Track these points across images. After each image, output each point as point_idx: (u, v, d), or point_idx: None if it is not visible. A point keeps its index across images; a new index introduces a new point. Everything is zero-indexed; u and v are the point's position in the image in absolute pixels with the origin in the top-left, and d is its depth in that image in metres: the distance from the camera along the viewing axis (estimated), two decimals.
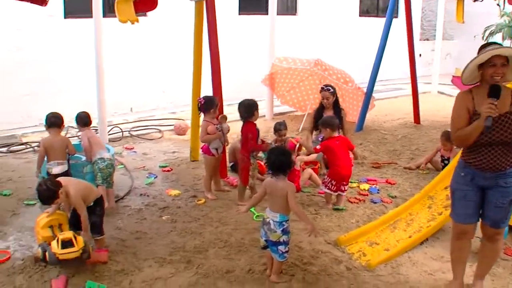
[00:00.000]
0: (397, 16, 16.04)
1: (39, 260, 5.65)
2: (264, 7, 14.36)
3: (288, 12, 16.79)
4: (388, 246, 6.21)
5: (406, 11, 11.67)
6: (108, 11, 11.30)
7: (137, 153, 10.04)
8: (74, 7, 12.25)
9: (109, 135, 10.87)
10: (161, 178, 8.59)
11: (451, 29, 21.57)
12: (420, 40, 20.98)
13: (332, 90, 9.02)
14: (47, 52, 11.92)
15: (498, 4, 11.19)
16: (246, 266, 5.68)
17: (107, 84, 10.21)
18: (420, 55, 19.38)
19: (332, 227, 6.77)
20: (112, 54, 10.92)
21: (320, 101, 9.12)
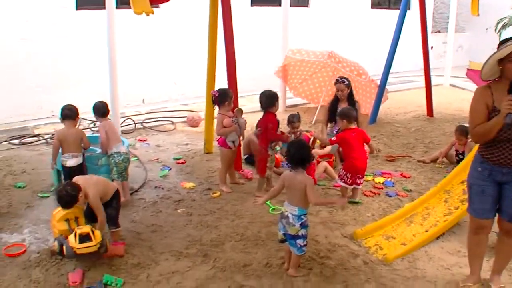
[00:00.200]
0: (410, 8, 15.95)
1: (56, 254, 5.65)
2: None
3: (300, 4, 16.73)
4: (405, 240, 6.19)
5: (420, 3, 11.58)
6: (121, 3, 11.29)
7: (150, 145, 10.03)
8: None
9: (122, 127, 10.85)
10: (175, 171, 8.58)
11: (463, 21, 21.43)
12: (432, 33, 20.84)
13: (347, 82, 8.99)
14: (59, 44, 11.92)
15: None
16: (263, 260, 5.68)
17: (119, 76, 10.20)
18: (432, 48, 19.26)
19: (348, 221, 6.75)
20: (124, 46, 10.89)
21: (335, 93, 9.09)
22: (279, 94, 12.61)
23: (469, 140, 8.74)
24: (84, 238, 5.38)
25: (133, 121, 11.36)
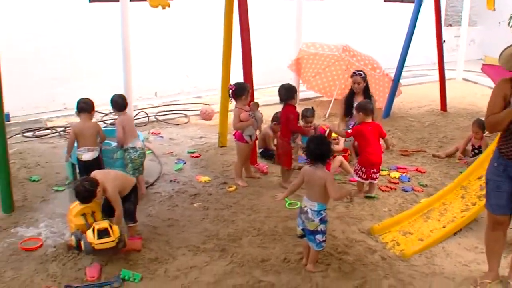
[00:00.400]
0: (422, 1, 15.85)
1: (72, 248, 5.67)
2: None
3: None
4: (422, 236, 6.17)
5: None
6: None
7: (164, 138, 10.01)
8: None
9: (135, 120, 10.78)
10: (190, 164, 8.56)
11: (475, 15, 21.28)
12: (444, 26, 20.69)
13: (364, 75, 8.96)
14: (73, 37, 11.90)
15: None
16: (281, 255, 5.68)
17: (132, 69, 10.19)
18: (444, 41, 19.15)
19: (365, 216, 6.75)
20: (136, 38, 10.86)
21: (350, 87, 9.04)
22: None
23: (485, 135, 8.72)
24: (103, 234, 5.39)
25: (146, 114, 11.33)
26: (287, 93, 7.46)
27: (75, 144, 6.91)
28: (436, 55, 12.21)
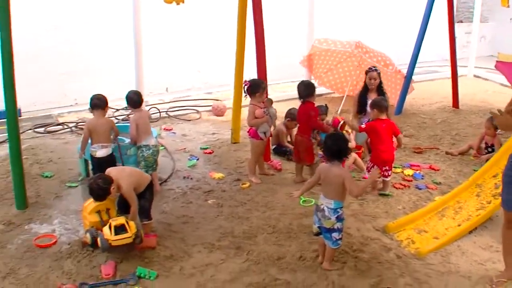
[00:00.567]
0: None
1: (87, 245, 5.66)
2: None
3: None
4: (437, 234, 6.16)
5: None
6: None
7: (176, 134, 9.98)
8: None
9: None
10: (203, 161, 8.54)
11: (486, 11, 21.16)
12: (455, 23, 20.60)
13: (379, 71, 8.91)
14: (83, 32, 11.91)
15: None
16: (297, 253, 5.66)
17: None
18: (456, 38, 19.05)
19: (379, 213, 6.73)
20: (147, 33, 10.84)
21: (364, 84, 8.98)
22: None
23: (498, 132, 8.68)
24: (119, 230, 5.39)
25: (158, 110, 11.31)
26: (307, 90, 7.48)
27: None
28: (448, 52, 12.14)
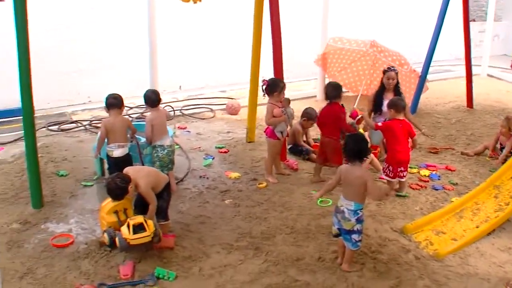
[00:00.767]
0: None
1: (104, 245, 5.66)
2: None
3: None
4: (455, 236, 6.15)
5: None
6: None
7: (191, 133, 9.94)
8: None
9: None
10: (218, 160, 8.52)
11: (500, 10, 21.06)
12: None
13: (397, 71, 8.85)
14: (97, 30, 11.91)
15: None
16: (316, 254, 5.66)
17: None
18: None
19: (397, 214, 6.71)
20: (160, 31, 10.83)
21: (381, 83, 8.92)
22: (318, 82, 12.58)
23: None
24: (138, 229, 5.39)
25: (172, 108, 11.30)
26: (334, 91, 7.56)
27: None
28: (461, 51, 12.11)
